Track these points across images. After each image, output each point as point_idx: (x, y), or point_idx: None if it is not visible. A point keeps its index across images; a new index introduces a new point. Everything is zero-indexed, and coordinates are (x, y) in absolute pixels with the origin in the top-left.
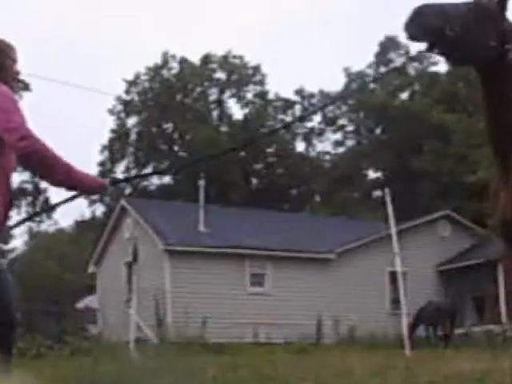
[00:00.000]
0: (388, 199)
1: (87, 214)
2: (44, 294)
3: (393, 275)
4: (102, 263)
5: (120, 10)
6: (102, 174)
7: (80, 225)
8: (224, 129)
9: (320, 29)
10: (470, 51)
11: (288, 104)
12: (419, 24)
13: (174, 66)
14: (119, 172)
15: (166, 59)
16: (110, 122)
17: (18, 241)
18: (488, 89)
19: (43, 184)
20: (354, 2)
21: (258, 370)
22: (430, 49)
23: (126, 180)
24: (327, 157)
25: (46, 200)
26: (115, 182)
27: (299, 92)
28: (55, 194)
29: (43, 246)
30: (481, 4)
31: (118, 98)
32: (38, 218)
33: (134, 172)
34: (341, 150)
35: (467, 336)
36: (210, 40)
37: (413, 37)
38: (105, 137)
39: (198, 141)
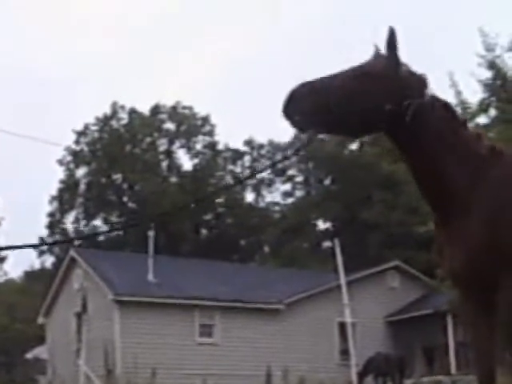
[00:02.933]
0: (337, 250)
1: (37, 265)
2: None
3: (342, 326)
4: (51, 314)
5: (69, 60)
6: (51, 224)
7: (29, 275)
8: (173, 180)
9: (269, 79)
10: (362, 121)
11: (237, 155)
12: (298, 110)
13: (124, 116)
14: (68, 223)
15: (115, 110)
16: (60, 173)
17: None
18: (404, 151)
19: None
20: (302, 51)
21: None
22: (319, 132)
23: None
24: (276, 207)
25: None
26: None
27: (248, 143)
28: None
29: None
30: (365, 69)
31: (68, 149)
32: None
33: (83, 222)
34: (290, 200)
35: None
36: (159, 91)
37: (294, 126)
38: (54, 187)
39: (148, 192)
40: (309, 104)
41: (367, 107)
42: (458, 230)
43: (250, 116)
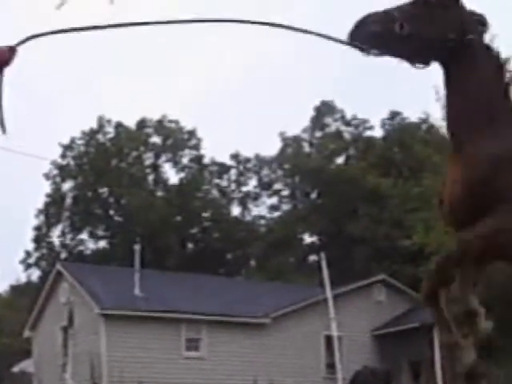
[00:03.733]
0: (323, 264)
1: (23, 278)
2: None
3: (328, 339)
4: (37, 327)
5: (55, 74)
6: (38, 238)
7: (16, 289)
8: (160, 193)
9: (255, 92)
10: (427, 45)
11: (224, 168)
12: (364, 32)
13: (110, 130)
14: (55, 236)
15: (101, 123)
16: (46, 187)
17: None
18: (451, 79)
19: None
20: (290, 65)
21: None
22: (383, 53)
23: None
24: (263, 221)
25: None
26: None
27: (235, 156)
28: None
29: None
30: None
31: (54, 163)
32: None
33: (69, 236)
34: (276, 214)
35: None
36: (145, 104)
37: (362, 47)
38: (40, 201)
39: (134, 205)
40: (376, 28)
41: (432, 34)
42: (468, 159)
43: (236, 130)
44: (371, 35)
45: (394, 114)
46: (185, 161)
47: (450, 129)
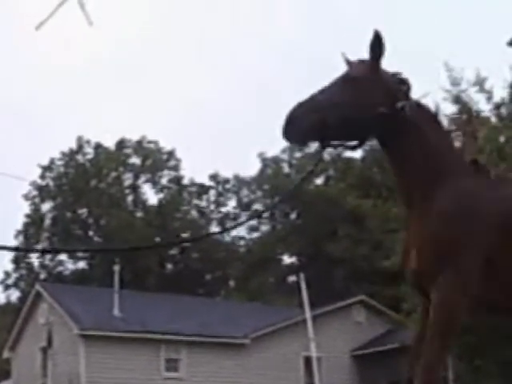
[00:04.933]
0: (303, 284)
1: (2, 299)
2: None
3: (308, 360)
4: (17, 348)
5: (34, 94)
6: (17, 258)
7: None
8: (139, 214)
9: (234, 113)
10: (359, 128)
11: (203, 189)
12: (296, 131)
13: (89, 151)
14: (34, 257)
15: (80, 144)
16: (25, 207)
17: None
18: (390, 149)
19: None
20: (269, 85)
21: None
22: (323, 146)
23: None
24: (242, 242)
25: None
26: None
27: (214, 177)
28: None
29: None
30: (350, 77)
31: (33, 183)
32: None
33: (48, 257)
34: (255, 234)
35: None
36: (124, 125)
37: (298, 143)
38: (19, 222)
39: (113, 226)
40: (307, 122)
41: (360, 113)
42: (417, 225)
43: (215, 151)
44: (304, 131)
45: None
46: (164, 181)
47: (400, 194)
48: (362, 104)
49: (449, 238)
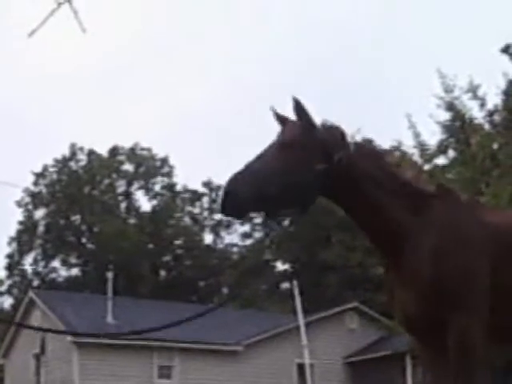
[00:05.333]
0: (296, 291)
1: None
2: None
3: (301, 367)
4: (10, 355)
5: (27, 101)
6: (10, 265)
7: None
8: (132, 221)
9: (227, 120)
10: (300, 192)
11: (196, 196)
12: (233, 206)
13: (82, 157)
14: (27, 264)
15: (73, 151)
16: (18, 214)
17: None
18: (346, 205)
19: None
20: (261, 90)
21: None
22: (267, 216)
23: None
24: (235, 249)
25: None
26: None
27: (207, 184)
28: None
29: None
30: (285, 142)
31: (26, 190)
32: None
33: (42, 264)
34: (249, 241)
35: None
36: (117, 132)
37: (238, 217)
38: (13, 229)
39: (106, 233)
40: (244, 196)
41: (299, 177)
42: (406, 273)
43: (208, 157)
44: (244, 205)
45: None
46: (157, 188)
47: (374, 246)
48: (299, 168)
49: (451, 275)
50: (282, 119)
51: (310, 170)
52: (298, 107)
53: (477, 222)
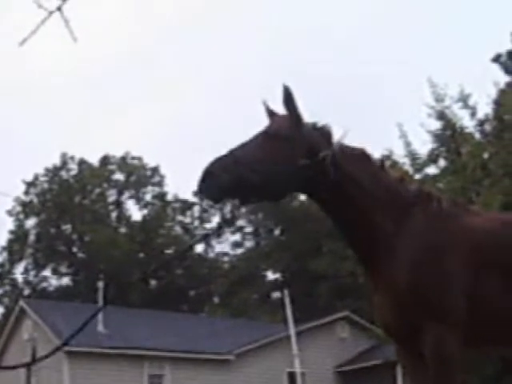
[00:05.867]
0: (287, 300)
1: None
2: None
3: (292, 376)
4: (0, 364)
5: (18, 110)
6: (1, 275)
7: None
8: (123, 230)
9: (217, 129)
10: (279, 184)
11: (187, 205)
12: (212, 188)
13: (73, 167)
14: (18, 273)
15: (64, 160)
16: (9, 223)
17: None
18: (327, 206)
19: None
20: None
21: None
22: (242, 202)
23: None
24: (226, 258)
25: None
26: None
27: (198, 193)
28: None
29: None
30: (270, 133)
31: (17, 199)
32: None
33: (32, 273)
34: (240, 251)
35: None
36: (108, 141)
37: (215, 200)
38: (3, 238)
39: (97, 242)
40: (224, 179)
41: (280, 169)
42: (383, 280)
43: (199, 167)
44: (222, 188)
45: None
46: (148, 197)
47: (353, 250)
48: (282, 160)
49: (426, 283)
50: (271, 113)
51: (292, 163)
52: (288, 97)
53: (456, 228)
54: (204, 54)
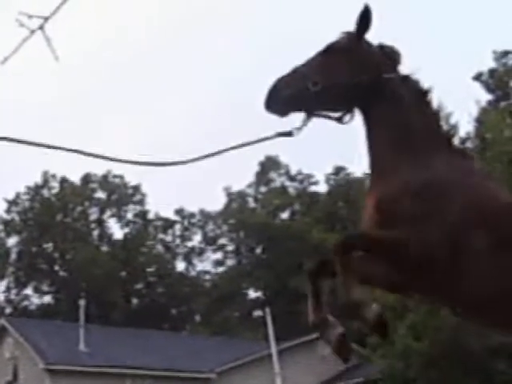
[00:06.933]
0: (268, 319)
1: None
2: None
3: None
4: None
5: None
6: None
7: None
8: (104, 248)
9: (199, 148)
10: (343, 95)
11: (168, 223)
12: (278, 100)
13: (55, 185)
14: (0, 291)
15: (46, 179)
16: None
17: None
18: (371, 121)
19: None
20: (233, 119)
21: None
22: (308, 114)
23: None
24: (207, 276)
25: None
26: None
27: (179, 212)
28: None
29: None
30: (330, 48)
31: None
32: None
33: (14, 291)
34: (221, 269)
35: None
36: (89, 160)
37: (280, 113)
38: None
39: (79, 260)
40: (289, 91)
41: (345, 82)
42: (373, 193)
43: (180, 185)
44: (286, 100)
45: (339, 169)
46: (129, 216)
47: (369, 163)
48: (345, 72)
49: (405, 203)
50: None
51: (353, 77)
52: (365, 14)
53: (464, 183)
54: (182, 71)
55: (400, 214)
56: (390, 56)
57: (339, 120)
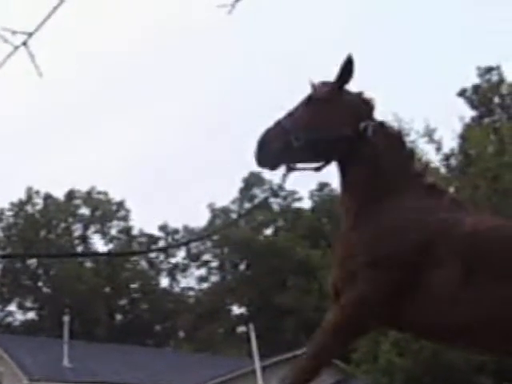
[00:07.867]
0: (252, 335)
1: None
2: None
3: None
4: None
5: None
6: None
7: None
8: (88, 264)
9: (177, 165)
10: (324, 148)
11: (152, 240)
12: (266, 156)
13: (39, 201)
14: None
15: (30, 195)
16: None
17: None
18: (345, 167)
19: None
20: (217, 135)
21: None
22: (289, 169)
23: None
24: (191, 292)
25: None
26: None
27: (163, 228)
28: None
29: None
30: (312, 100)
31: None
32: None
33: None
34: (205, 285)
35: None
36: (73, 176)
37: (269, 168)
38: None
39: (63, 276)
40: (274, 146)
41: (325, 135)
42: (341, 245)
43: (164, 201)
44: (272, 155)
45: (323, 185)
46: (113, 232)
47: (340, 210)
48: (326, 126)
49: (362, 257)
50: (313, 85)
51: (334, 130)
52: (348, 65)
53: (435, 219)
54: (167, 87)
55: (355, 271)
56: (366, 102)
57: (317, 169)
